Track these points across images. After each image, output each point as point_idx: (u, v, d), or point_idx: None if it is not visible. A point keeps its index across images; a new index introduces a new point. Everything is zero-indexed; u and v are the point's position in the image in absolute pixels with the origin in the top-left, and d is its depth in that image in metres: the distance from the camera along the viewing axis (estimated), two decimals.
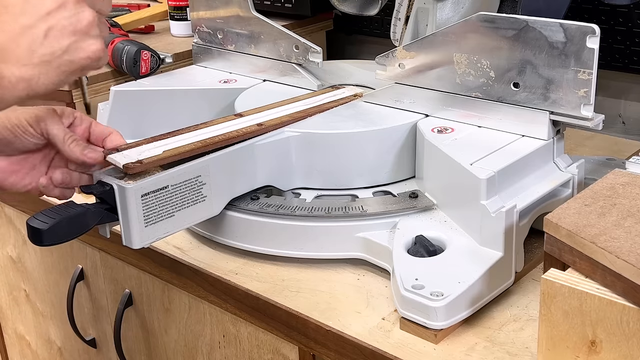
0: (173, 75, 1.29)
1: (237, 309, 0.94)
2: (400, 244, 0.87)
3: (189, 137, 0.94)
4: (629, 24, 1.29)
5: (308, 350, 0.88)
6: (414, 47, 1.00)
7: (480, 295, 0.82)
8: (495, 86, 0.94)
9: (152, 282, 1.10)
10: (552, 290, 0.70)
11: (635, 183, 0.79)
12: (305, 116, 1.02)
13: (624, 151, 1.20)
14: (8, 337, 1.58)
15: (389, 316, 0.85)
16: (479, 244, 0.86)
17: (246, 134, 0.96)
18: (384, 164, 0.98)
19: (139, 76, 1.28)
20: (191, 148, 0.91)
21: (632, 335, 0.65)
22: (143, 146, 0.90)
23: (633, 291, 0.65)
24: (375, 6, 1.16)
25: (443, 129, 0.97)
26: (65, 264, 1.29)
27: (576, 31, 0.86)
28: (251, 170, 0.95)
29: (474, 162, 0.87)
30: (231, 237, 0.97)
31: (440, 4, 1.05)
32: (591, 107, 0.88)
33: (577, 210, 0.74)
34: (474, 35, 0.94)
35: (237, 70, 1.26)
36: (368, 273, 0.93)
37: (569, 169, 0.94)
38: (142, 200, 0.84)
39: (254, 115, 1.02)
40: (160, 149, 0.90)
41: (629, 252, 0.66)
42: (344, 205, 0.93)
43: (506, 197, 0.86)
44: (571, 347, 0.70)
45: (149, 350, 1.17)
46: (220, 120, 1.00)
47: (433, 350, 0.79)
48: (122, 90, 1.19)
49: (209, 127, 0.97)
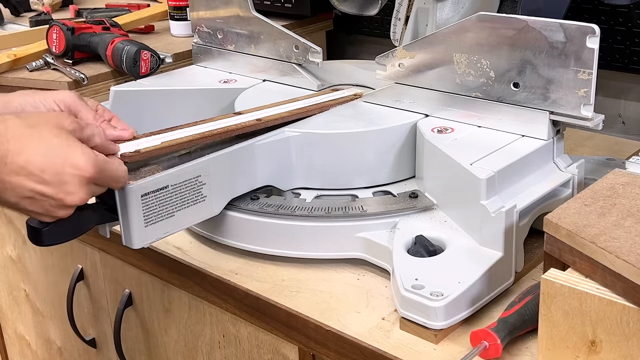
0: (173, 75, 1.29)
1: (237, 309, 0.94)
2: (400, 244, 0.87)
3: (188, 131, 0.94)
4: (629, 24, 1.29)
5: (308, 350, 0.88)
6: (414, 47, 1.00)
7: (480, 295, 0.82)
8: (495, 86, 0.94)
9: (152, 282, 1.10)
10: (552, 290, 0.70)
11: (635, 183, 0.79)
12: (304, 112, 1.02)
13: (624, 151, 1.20)
14: (8, 337, 1.58)
15: (389, 316, 0.85)
16: (479, 244, 0.86)
17: (245, 127, 0.96)
18: (384, 164, 0.98)
19: (138, 76, 1.28)
20: (189, 139, 0.92)
21: (632, 335, 0.66)
22: (141, 139, 0.91)
23: (633, 291, 0.65)
24: (375, 6, 1.16)
25: (443, 129, 0.97)
26: (65, 264, 1.29)
27: (576, 31, 0.86)
28: (251, 170, 0.95)
29: (474, 162, 0.87)
30: (231, 237, 0.97)
31: (440, 4, 1.05)
32: (591, 107, 0.88)
33: (577, 210, 0.74)
34: (474, 36, 0.94)
35: (237, 70, 1.26)
36: (368, 273, 0.93)
37: (569, 169, 0.94)
38: (142, 200, 0.84)
39: (253, 112, 1.02)
40: (158, 140, 0.91)
41: (629, 252, 0.66)
42: (344, 205, 0.93)
43: (506, 197, 0.86)
44: (571, 347, 0.70)
45: (149, 350, 1.17)
46: (219, 117, 1.00)
47: (433, 350, 0.79)
48: (122, 90, 1.19)
49: (207, 123, 0.98)
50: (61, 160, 0.71)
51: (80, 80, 1.28)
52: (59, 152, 0.71)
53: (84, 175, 0.72)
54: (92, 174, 0.73)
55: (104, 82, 1.32)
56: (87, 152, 0.74)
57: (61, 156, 0.71)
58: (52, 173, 0.70)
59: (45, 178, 0.70)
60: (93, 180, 0.74)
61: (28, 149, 0.70)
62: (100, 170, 0.74)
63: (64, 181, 0.71)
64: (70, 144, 0.73)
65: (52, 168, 0.70)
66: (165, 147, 0.89)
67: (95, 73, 1.33)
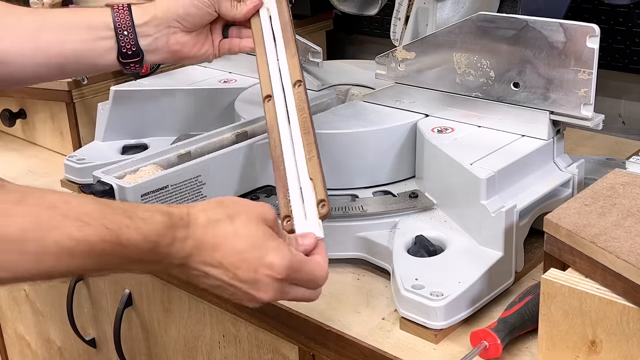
0: (173, 75, 1.29)
1: (237, 309, 0.94)
2: (400, 243, 0.87)
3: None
4: (629, 24, 1.29)
5: (308, 350, 0.88)
6: (414, 47, 1.00)
7: (480, 295, 0.82)
8: (495, 86, 0.94)
9: (152, 282, 1.10)
10: (552, 290, 0.70)
11: (635, 183, 0.79)
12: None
13: (624, 151, 1.20)
14: (8, 337, 1.58)
15: (389, 316, 0.85)
16: (479, 244, 0.86)
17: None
18: (384, 164, 0.98)
19: (138, 76, 1.28)
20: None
21: (632, 335, 0.65)
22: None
23: (633, 291, 0.65)
24: (375, 6, 1.15)
25: (443, 128, 0.97)
26: None
27: (576, 31, 0.86)
28: (251, 170, 0.95)
29: (474, 162, 0.87)
30: None
31: (440, 4, 1.05)
32: (591, 107, 0.88)
33: (577, 210, 0.74)
34: (474, 35, 0.94)
35: (237, 70, 1.26)
36: (368, 273, 0.93)
37: (569, 168, 0.93)
38: (142, 200, 0.84)
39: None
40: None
41: (629, 252, 0.66)
42: (344, 205, 0.93)
43: (506, 197, 0.86)
44: (571, 347, 0.70)
45: (149, 350, 1.17)
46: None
47: (433, 350, 0.79)
48: (122, 90, 1.19)
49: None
50: (256, 258, 0.68)
51: (80, 80, 1.28)
52: (255, 250, 0.68)
53: (276, 276, 0.68)
54: (284, 276, 0.69)
55: (104, 82, 1.31)
56: (283, 251, 0.69)
57: (257, 254, 0.68)
58: (246, 270, 0.67)
59: (239, 275, 0.68)
60: (287, 280, 0.70)
61: (224, 245, 0.68)
62: (295, 271, 0.69)
63: (257, 279, 0.68)
64: (267, 239, 0.69)
65: (247, 265, 0.67)
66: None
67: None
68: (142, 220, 0.64)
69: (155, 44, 0.94)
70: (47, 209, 0.60)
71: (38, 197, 0.61)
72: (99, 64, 0.94)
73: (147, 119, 1.19)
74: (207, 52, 0.98)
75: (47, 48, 0.90)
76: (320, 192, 0.77)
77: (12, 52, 0.88)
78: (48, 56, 0.90)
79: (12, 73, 0.90)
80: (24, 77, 0.93)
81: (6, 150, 1.41)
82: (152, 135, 1.20)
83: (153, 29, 0.93)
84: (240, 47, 1.00)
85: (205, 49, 0.98)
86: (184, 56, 0.97)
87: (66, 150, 1.30)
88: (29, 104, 1.37)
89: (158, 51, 0.95)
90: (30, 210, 0.59)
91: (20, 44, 0.89)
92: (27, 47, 0.89)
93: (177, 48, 0.95)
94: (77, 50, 0.91)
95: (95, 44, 0.92)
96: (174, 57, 0.97)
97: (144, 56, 0.94)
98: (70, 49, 0.90)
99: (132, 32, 0.92)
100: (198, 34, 0.97)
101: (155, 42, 0.94)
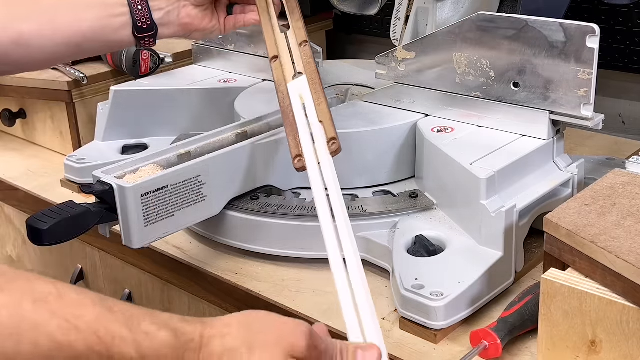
0: (173, 75, 1.29)
1: (237, 309, 0.94)
2: (400, 243, 0.87)
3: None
4: (629, 24, 1.29)
5: None
6: (414, 47, 1.00)
7: (480, 295, 0.82)
8: (495, 86, 0.94)
9: (152, 282, 1.10)
10: (552, 290, 0.70)
11: (635, 183, 0.79)
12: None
13: (624, 151, 1.20)
14: None
15: (389, 316, 0.85)
16: (479, 244, 0.86)
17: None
18: (384, 164, 0.98)
19: (138, 76, 1.28)
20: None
21: (632, 335, 0.65)
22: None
23: (633, 291, 0.65)
24: (375, 6, 1.15)
25: (443, 128, 0.97)
26: (65, 264, 1.29)
27: (576, 31, 0.86)
28: (251, 170, 0.95)
29: (474, 162, 0.87)
30: (231, 237, 0.97)
31: (440, 4, 1.05)
32: (591, 107, 0.88)
33: (577, 210, 0.74)
34: (474, 35, 0.94)
35: (237, 70, 1.26)
36: (368, 273, 0.92)
37: (569, 168, 0.93)
38: (142, 200, 0.84)
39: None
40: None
41: (629, 252, 0.66)
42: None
43: (506, 197, 0.86)
44: (571, 347, 0.70)
45: None
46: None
47: (433, 350, 0.79)
48: (122, 90, 1.19)
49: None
50: None
51: (80, 80, 1.28)
52: None
53: None
54: None
55: (104, 82, 1.31)
56: None
57: None
58: None
59: None
60: None
61: None
62: None
63: None
64: None
65: None
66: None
67: (95, 73, 1.33)
68: (144, 334, 0.54)
69: (167, 17, 0.97)
70: (33, 302, 0.52)
71: (25, 285, 0.53)
72: (115, 40, 0.95)
73: (147, 119, 1.19)
74: (215, 26, 1.01)
75: (65, 28, 0.91)
76: (330, 131, 0.80)
77: (32, 35, 0.89)
78: (67, 36, 0.91)
79: (33, 55, 0.91)
80: (44, 59, 0.94)
81: (6, 150, 1.40)
82: (152, 135, 1.20)
83: (165, 3, 0.96)
84: (245, 21, 1.03)
85: (213, 23, 1.01)
86: (195, 29, 0.99)
87: (66, 150, 1.30)
88: (29, 104, 1.37)
89: (170, 24, 0.98)
90: (11, 299, 0.51)
91: (39, 25, 0.90)
92: (46, 29, 0.90)
93: (187, 21, 0.98)
94: (95, 27, 0.93)
95: (111, 20, 0.94)
96: (184, 30, 0.99)
97: (157, 30, 0.96)
98: (88, 27, 0.92)
99: (146, 7, 0.94)
100: (205, 9, 1.00)
101: (167, 16, 0.97)
